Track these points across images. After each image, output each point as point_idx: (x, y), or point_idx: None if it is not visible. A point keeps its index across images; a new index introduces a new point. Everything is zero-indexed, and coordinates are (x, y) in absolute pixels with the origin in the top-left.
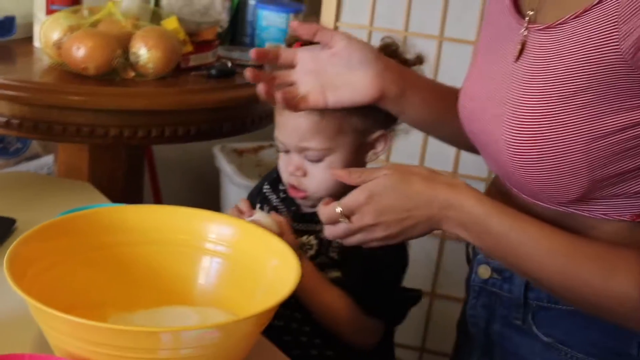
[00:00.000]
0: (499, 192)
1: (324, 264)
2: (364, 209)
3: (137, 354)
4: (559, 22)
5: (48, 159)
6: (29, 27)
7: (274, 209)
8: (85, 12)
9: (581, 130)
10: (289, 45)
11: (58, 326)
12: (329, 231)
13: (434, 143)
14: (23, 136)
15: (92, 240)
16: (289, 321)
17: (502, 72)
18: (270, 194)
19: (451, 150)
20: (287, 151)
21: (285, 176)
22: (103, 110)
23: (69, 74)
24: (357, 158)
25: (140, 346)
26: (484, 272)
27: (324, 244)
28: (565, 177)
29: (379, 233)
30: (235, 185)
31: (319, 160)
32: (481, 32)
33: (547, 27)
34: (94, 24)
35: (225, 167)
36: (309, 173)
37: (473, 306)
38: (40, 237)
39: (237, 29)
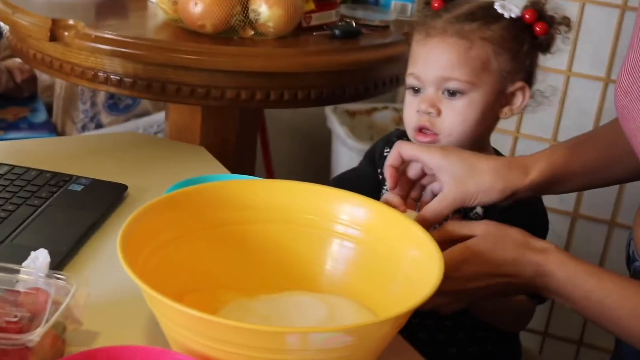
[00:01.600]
0: None
1: None
2: (454, 275)
3: (261, 353)
4: None
5: (158, 117)
6: None
7: None
8: None
9: None
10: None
11: (175, 318)
12: None
13: (569, 116)
14: (136, 95)
15: (211, 216)
16: (423, 318)
17: None
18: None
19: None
20: (418, 90)
21: (414, 119)
22: (219, 71)
23: (184, 31)
24: (494, 107)
25: (264, 346)
26: None
27: (488, 210)
28: None
29: (462, 299)
30: (347, 148)
31: (460, 94)
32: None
33: None
34: None
35: (338, 128)
36: (443, 112)
37: None
38: (155, 212)
39: None
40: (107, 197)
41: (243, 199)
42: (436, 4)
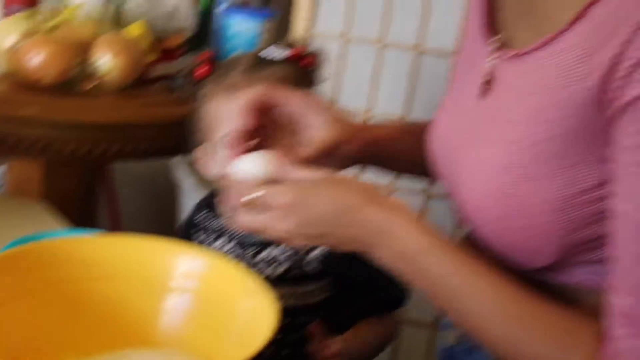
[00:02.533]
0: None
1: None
2: (286, 213)
3: None
4: (527, 50)
5: None
6: None
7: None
8: (42, 17)
9: (552, 185)
10: None
11: None
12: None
13: None
14: None
15: (45, 276)
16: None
17: (467, 110)
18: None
19: None
20: None
21: None
22: (59, 124)
23: (23, 84)
24: None
25: None
26: (450, 338)
27: (298, 257)
28: (534, 240)
29: (294, 241)
30: (193, 200)
31: None
32: (458, 55)
33: (515, 56)
34: (52, 30)
35: (183, 181)
36: None
37: None
38: None
39: (204, 36)
40: None
41: (75, 256)
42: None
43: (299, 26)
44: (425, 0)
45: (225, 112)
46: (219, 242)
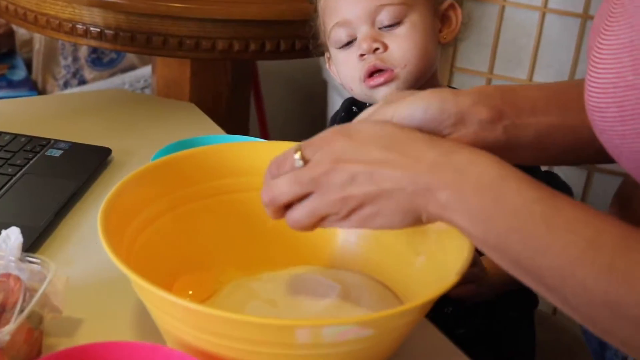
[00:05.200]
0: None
1: None
2: (330, 146)
3: (267, 348)
4: None
5: (145, 71)
6: None
7: None
8: None
9: None
10: None
11: (167, 309)
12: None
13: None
14: (119, 49)
15: (205, 185)
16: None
17: None
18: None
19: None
20: (349, 43)
21: (359, 67)
22: (210, 20)
23: None
24: (434, 29)
25: (270, 340)
26: None
27: None
28: None
29: (336, 179)
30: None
31: (398, 22)
32: None
33: None
34: None
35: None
36: (390, 45)
37: None
38: (141, 183)
39: None
40: (89, 163)
41: (241, 164)
42: None
43: None
44: None
45: None
46: None
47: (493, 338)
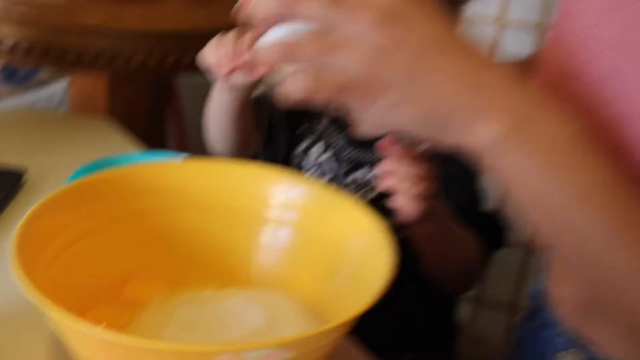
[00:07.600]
0: None
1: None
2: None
3: None
4: None
5: (60, 86)
6: None
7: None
8: None
9: None
10: None
11: (80, 338)
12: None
13: None
14: (32, 64)
15: (123, 206)
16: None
17: None
18: None
19: None
20: None
21: None
22: (126, 33)
23: None
24: None
25: None
26: None
27: None
28: None
29: (372, 40)
30: None
31: None
32: None
33: None
34: None
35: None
36: None
37: None
38: (58, 206)
39: None
40: (0, 187)
41: (159, 184)
42: None
43: None
44: None
45: None
46: (315, 148)
47: None
